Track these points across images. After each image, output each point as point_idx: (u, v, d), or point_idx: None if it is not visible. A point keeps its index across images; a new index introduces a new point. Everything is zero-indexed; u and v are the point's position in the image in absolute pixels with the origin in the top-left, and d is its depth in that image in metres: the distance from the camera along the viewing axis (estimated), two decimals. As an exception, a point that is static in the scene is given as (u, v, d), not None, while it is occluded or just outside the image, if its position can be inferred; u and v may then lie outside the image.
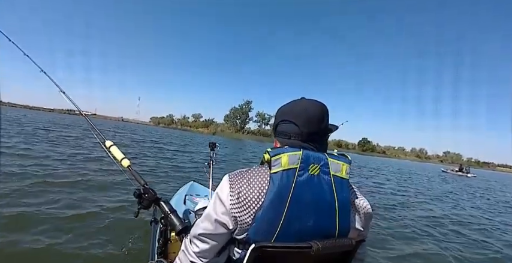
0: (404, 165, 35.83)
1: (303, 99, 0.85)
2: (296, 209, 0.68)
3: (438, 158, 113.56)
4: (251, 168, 0.79)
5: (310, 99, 0.84)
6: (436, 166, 53.40)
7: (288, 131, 0.80)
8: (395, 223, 4.59)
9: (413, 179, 14.42)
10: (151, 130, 36.37)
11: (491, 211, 7.33)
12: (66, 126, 19.49)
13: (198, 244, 0.78)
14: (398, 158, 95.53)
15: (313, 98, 0.85)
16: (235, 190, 0.73)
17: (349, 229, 0.73)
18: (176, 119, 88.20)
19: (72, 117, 37.92)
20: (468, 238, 4.36)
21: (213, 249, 0.77)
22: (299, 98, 0.86)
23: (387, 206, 5.98)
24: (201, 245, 0.77)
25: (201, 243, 0.77)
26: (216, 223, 0.74)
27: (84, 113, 1.77)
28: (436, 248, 3.64)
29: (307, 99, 0.84)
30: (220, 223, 0.74)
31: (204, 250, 0.77)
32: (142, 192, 1.26)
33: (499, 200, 10.04)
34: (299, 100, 0.85)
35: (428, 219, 5.27)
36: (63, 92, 1.76)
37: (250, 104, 76.51)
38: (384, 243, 3.55)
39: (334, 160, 0.74)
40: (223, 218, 0.73)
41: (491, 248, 3.96)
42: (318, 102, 0.83)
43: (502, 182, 23.05)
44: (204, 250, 0.77)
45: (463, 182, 17.14)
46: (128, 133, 21.92)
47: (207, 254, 0.77)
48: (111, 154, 1.52)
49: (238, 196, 0.72)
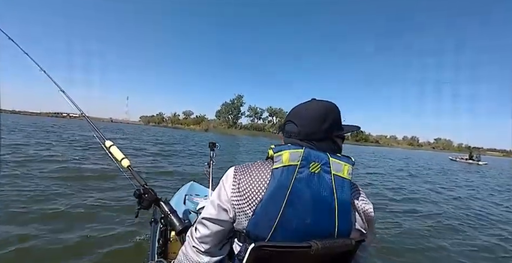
0: (405, 154, 35.43)
1: (312, 100, 0.85)
2: (294, 205, 0.69)
3: (430, 145, 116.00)
4: (256, 162, 0.81)
5: (319, 100, 0.84)
6: (435, 153, 52.74)
7: (289, 131, 0.83)
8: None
9: (443, 173, 13.06)
10: (155, 132, 35.81)
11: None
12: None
13: (200, 228, 0.80)
14: (391, 146, 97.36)
15: (324, 99, 0.85)
16: (237, 180, 0.76)
17: (349, 229, 0.73)
18: (167, 117, 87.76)
19: (62, 121, 37.35)
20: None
21: (213, 235, 0.78)
22: (309, 100, 0.86)
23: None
24: (202, 230, 0.79)
25: (203, 228, 0.79)
26: (218, 208, 0.76)
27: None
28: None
29: (317, 100, 0.85)
30: (222, 209, 0.76)
31: (205, 235, 0.78)
32: (143, 192, 1.26)
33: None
34: (307, 101, 0.85)
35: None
36: (62, 91, 1.75)
37: (242, 98, 76.47)
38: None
39: (336, 160, 0.75)
40: (226, 204, 0.76)
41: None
42: (325, 103, 0.83)
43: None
44: (206, 235, 0.78)
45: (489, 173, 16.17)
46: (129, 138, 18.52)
47: (208, 239, 0.78)
48: (111, 154, 1.52)
49: (239, 186, 0.75)
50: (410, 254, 3.11)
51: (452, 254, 3.23)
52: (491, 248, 3.53)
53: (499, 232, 4.27)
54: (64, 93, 1.75)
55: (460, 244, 3.58)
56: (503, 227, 4.57)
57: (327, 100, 0.85)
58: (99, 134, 1.62)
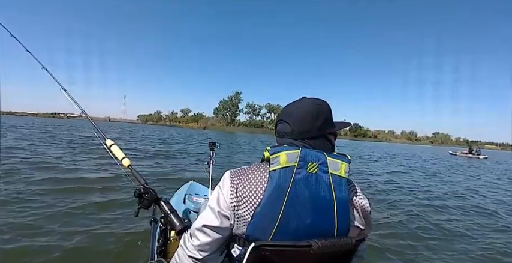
0: (407, 149, 34.78)
1: (303, 98, 0.85)
2: (293, 206, 0.69)
3: (428, 139, 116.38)
4: (252, 165, 0.80)
5: (309, 98, 0.84)
6: (434, 148, 51.46)
7: (281, 130, 0.83)
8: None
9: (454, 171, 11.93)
10: (153, 130, 35.58)
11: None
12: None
13: (199, 236, 0.77)
14: (390, 141, 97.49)
15: (315, 97, 0.85)
16: (235, 186, 0.75)
17: (348, 227, 0.73)
18: (164, 116, 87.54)
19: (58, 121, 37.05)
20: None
21: (213, 243, 0.77)
22: (300, 98, 0.86)
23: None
24: (202, 238, 0.77)
25: (204, 236, 0.77)
26: (220, 215, 0.75)
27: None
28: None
29: (308, 98, 0.85)
30: (223, 216, 0.75)
31: (205, 243, 0.76)
32: (143, 192, 1.25)
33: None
34: (298, 100, 0.85)
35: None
36: (64, 90, 1.73)
37: (240, 95, 76.12)
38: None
39: (333, 159, 0.74)
40: (225, 211, 0.75)
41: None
42: (316, 100, 0.83)
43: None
44: (206, 243, 0.76)
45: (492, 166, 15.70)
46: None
47: (207, 247, 0.77)
48: (112, 153, 1.51)
49: (237, 191, 0.74)
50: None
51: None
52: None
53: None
54: (65, 92, 1.73)
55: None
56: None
57: (317, 98, 0.85)
58: (100, 132, 1.61)
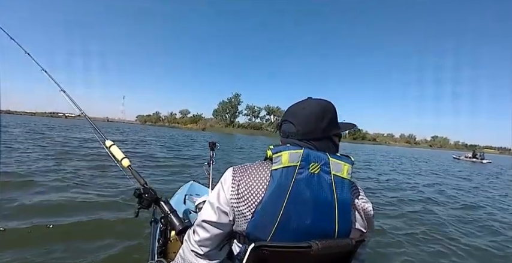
0: (411, 153, 34.20)
1: (308, 99, 0.84)
2: (294, 206, 0.69)
3: (427, 142, 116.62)
4: (254, 163, 0.80)
5: (315, 99, 0.84)
6: (433, 151, 51.11)
7: (286, 130, 0.82)
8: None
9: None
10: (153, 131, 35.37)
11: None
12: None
13: (199, 232, 0.78)
14: (389, 144, 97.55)
15: (320, 98, 0.84)
16: (237, 182, 0.75)
17: (349, 229, 0.73)
18: (163, 116, 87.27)
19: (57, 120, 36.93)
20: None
21: (213, 238, 0.77)
22: (305, 98, 0.85)
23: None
24: (202, 233, 0.77)
25: (203, 231, 0.77)
26: (218, 211, 0.75)
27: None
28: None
29: (313, 98, 0.84)
30: (222, 212, 0.75)
31: (205, 238, 0.77)
32: (143, 192, 1.25)
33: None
34: (303, 100, 0.85)
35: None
36: (63, 91, 1.74)
37: (239, 97, 76.10)
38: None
39: (336, 160, 0.74)
40: (225, 207, 0.75)
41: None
42: (322, 101, 0.82)
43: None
44: (205, 238, 0.77)
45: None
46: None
47: (207, 243, 0.77)
48: (112, 153, 1.51)
49: (238, 188, 0.74)
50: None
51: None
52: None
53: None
54: (65, 93, 1.74)
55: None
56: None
57: (323, 98, 0.84)
58: (100, 133, 1.62)
